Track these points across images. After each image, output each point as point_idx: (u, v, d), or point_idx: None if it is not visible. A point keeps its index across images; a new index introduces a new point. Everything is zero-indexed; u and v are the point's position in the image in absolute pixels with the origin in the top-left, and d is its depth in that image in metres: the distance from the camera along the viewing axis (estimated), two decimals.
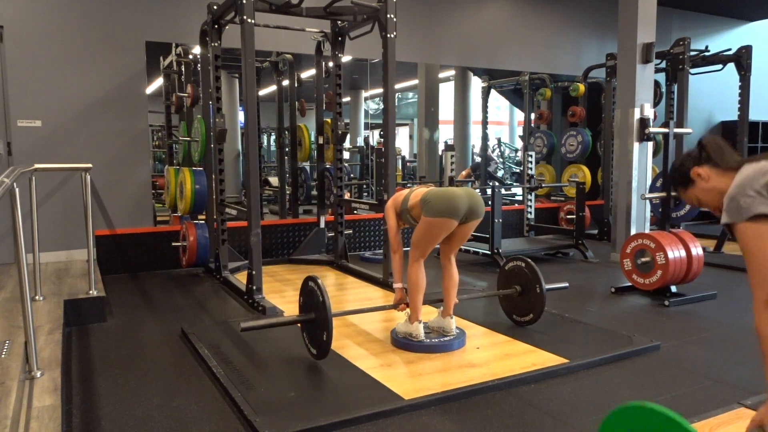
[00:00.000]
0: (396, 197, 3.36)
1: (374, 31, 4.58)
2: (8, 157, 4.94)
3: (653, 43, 5.56)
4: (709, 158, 1.70)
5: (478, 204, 3.10)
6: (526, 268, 3.48)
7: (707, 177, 1.70)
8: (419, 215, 3.11)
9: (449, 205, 3.01)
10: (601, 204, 7.19)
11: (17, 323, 3.02)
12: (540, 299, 3.40)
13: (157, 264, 5.44)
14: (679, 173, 1.77)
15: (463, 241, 3.26)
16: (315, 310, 2.92)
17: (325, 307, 2.81)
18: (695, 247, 4.20)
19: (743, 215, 1.51)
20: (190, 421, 2.38)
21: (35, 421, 2.06)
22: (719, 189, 1.65)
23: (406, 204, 3.22)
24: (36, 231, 3.76)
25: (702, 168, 1.71)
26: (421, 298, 3.21)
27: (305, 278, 3.05)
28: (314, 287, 2.92)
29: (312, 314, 2.94)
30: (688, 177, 1.74)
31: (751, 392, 2.59)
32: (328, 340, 2.82)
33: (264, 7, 4.21)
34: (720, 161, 1.68)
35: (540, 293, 3.39)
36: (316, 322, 2.91)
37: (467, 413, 2.44)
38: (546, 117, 8.24)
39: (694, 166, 1.73)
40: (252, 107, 4.04)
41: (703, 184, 1.71)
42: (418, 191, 3.21)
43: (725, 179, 1.64)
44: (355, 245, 6.29)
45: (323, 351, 2.89)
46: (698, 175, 1.71)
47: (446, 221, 3.02)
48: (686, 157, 1.77)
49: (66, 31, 5.07)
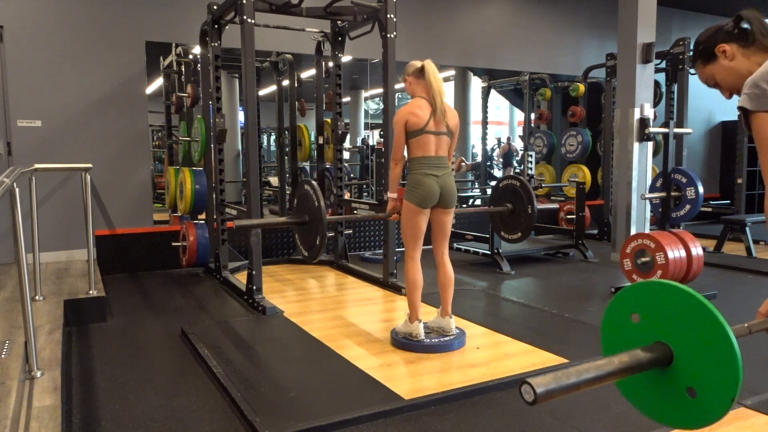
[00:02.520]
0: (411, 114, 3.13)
1: (374, 31, 4.58)
2: (8, 157, 4.94)
3: (653, 43, 5.56)
4: (742, 35, 1.56)
5: (449, 192, 3.19)
6: (520, 187, 3.47)
7: (732, 56, 1.57)
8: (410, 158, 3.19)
9: (424, 200, 3.13)
10: (601, 204, 7.19)
11: (17, 323, 3.02)
12: (529, 219, 3.39)
13: (157, 264, 5.43)
14: (705, 46, 1.63)
15: (446, 230, 3.30)
16: (309, 213, 2.91)
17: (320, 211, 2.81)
18: (695, 247, 4.20)
19: (765, 105, 1.40)
20: (190, 421, 2.38)
21: (35, 421, 2.06)
22: (740, 71, 1.54)
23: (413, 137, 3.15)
24: (36, 231, 3.75)
25: (729, 45, 1.58)
26: (419, 297, 3.22)
27: (300, 181, 3.04)
28: (309, 190, 2.91)
29: (306, 217, 2.94)
30: (713, 51, 1.60)
31: (751, 392, 2.59)
32: (320, 245, 2.82)
33: (264, 7, 4.21)
34: (760, 36, 1.54)
35: (531, 213, 3.38)
36: (310, 224, 2.90)
37: (467, 413, 2.44)
38: (546, 117, 8.24)
39: (723, 41, 1.59)
40: (252, 107, 4.04)
41: (725, 62, 1.58)
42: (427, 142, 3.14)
43: (750, 62, 1.53)
44: (355, 245, 6.29)
45: (315, 253, 2.88)
46: (723, 52, 1.58)
47: (421, 210, 3.16)
48: (717, 30, 1.62)
49: (66, 31, 5.07)
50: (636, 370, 1.22)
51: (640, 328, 1.29)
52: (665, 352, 1.23)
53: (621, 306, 1.35)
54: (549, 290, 4.58)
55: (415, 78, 3.25)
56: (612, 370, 1.17)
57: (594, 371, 1.14)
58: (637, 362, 1.21)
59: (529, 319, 3.83)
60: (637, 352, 1.22)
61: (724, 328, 1.15)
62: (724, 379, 1.15)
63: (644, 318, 1.29)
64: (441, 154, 3.20)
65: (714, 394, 1.17)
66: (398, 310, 3.99)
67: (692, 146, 8.49)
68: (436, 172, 3.14)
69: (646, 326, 1.28)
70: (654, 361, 1.22)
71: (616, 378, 1.21)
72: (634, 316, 1.30)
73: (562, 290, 4.59)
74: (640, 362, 1.21)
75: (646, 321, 1.28)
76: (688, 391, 1.21)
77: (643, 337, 1.28)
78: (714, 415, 1.17)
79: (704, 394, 1.18)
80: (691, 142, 8.32)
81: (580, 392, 1.15)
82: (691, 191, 4.92)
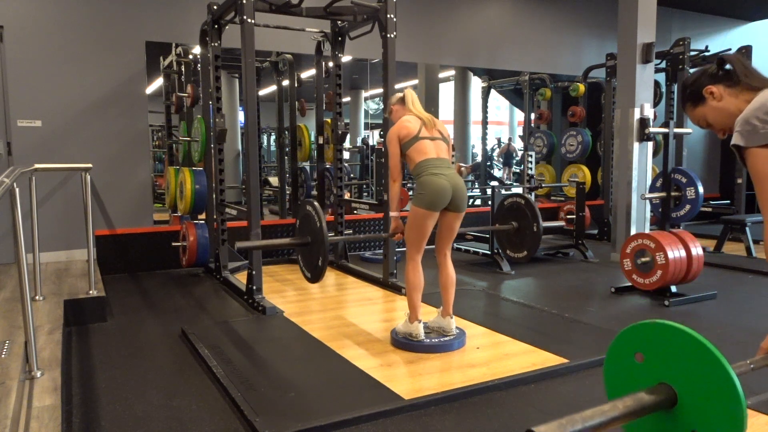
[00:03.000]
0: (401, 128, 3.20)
1: (374, 31, 4.58)
2: (8, 157, 4.94)
3: (653, 43, 5.56)
4: (727, 77, 1.63)
5: (461, 194, 3.15)
6: (525, 205, 3.46)
7: (720, 96, 1.63)
8: (412, 170, 3.17)
9: (435, 200, 3.07)
10: (601, 204, 7.19)
11: (17, 323, 3.02)
12: (535, 238, 3.38)
13: (157, 264, 5.43)
14: (693, 89, 1.69)
15: (451, 232, 3.26)
16: (311, 234, 2.92)
17: (322, 232, 2.81)
18: (695, 247, 4.20)
19: (757, 141, 1.45)
20: (190, 421, 2.38)
21: (35, 421, 2.06)
22: (729, 110, 1.59)
23: (408, 147, 3.17)
24: (36, 231, 3.75)
25: (716, 86, 1.64)
26: (420, 297, 3.22)
27: (302, 201, 3.06)
28: (311, 212, 2.92)
29: (308, 238, 2.94)
30: (701, 94, 1.66)
31: (751, 392, 2.59)
32: (323, 266, 2.83)
33: (264, 7, 4.21)
34: (743, 78, 1.60)
35: (536, 232, 3.37)
36: (312, 246, 2.91)
37: (467, 413, 2.44)
38: (546, 117, 8.24)
39: (710, 83, 1.65)
40: (252, 107, 4.04)
41: (714, 103, 1.64)
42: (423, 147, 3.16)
43: (738, 101, 1.59)
44: (355, 245, 6.29)
45: (317, 275, 2.89)
46: (711, 93, 1.64)
47: (432, 214, 3.11)
48: (702, 73, 1.68)
49: (66, 31, 5.07)
50: (640, 414, 1.21)
51: (643, 368, 1.29)
52: (669, 394, 1.22)
53: (625, 345, 1.33)
54: (549, 290, 4.58)
55: (400, 106, 3.34)
56: (617, 416, 1.17)
57: (599, 417, 1.14)
58: (641, 406, 1.20)
59: (529, 319, 3.83)
60: (642, 395, 1.21)
61: (727, 372, 1.14)
62: (728, 422, 1.14)
63: (648, 358, 1.28)
64: (442, 156, 3.20)
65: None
66: (398, 310, 3.99)
67: (692, 146, 8.48)
68: (444, 171, 3.12)
69: (650, 366, 1.27)
70: (658, 404, 1.21)
71: (621, 422, 1.20)
72: (637, 355, 1.30)
73: (562, 290, 4.59)
74: (644, 406, 1.20)
75: (650, 361, 1.27)
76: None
77: (646, 378, 1.27)
78: None
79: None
80: (691, 142, 8.32)
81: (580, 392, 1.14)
82: (691, 191, 4.92)
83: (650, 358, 1.27)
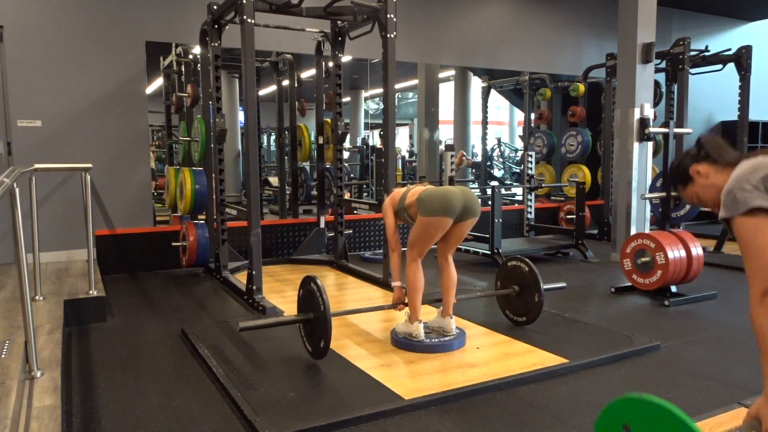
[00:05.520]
0: (393, 195, 3.37)
1: (374, 31, 4.58)
2: (8, 157, 4.94)
3: (653, 43, 5.56)
4: (708, 156, 1.73)
5: (473, 202, 3.11)
6: (527, 271, 3.48)
7: (706, 174, 1.72)
8: (416, 214, 3.13)
9: (444, 204, 3.02)
10: (601, 204, 7.19)
11: (17, 323, 3.02)
12: (537, 305, 3.41)
13: (157, 264, 5.43)
14: (679, 171, 1.79)
15: (459, 240, 3.26)
16: (314, 310, 2.92)
17: (325, 310, 2.81)
18: (695, 247, 4.20)
19: (740, 209, 1.53)
20: (190, 421, 2.38)
21: (35, 421, 2.06)
22: (718, 186, 1.67)
23: (403, 203, 3.23)
24: (36, 231, 3.75)
25: (701, 165, 1.73)
26: (420, 298, 3.21)
27: (304, 278, 3.05)
28: (314, 289, 2.92)
29: (311, 314, 2.95)
30: (688, 175, 1.76)
31: (751, 392, 2.59)
32: (326, 346, 2.83)
33: (264, 7, 4.21)
34: (718, 158, 1.71)
35: (538, 301, 3.40)
36: (315, 323, 2.91)
37: (467, 413, 2.44)
38: (546, 117, 8.24)
39: (693, 163, 1.75)
40: (252, 107, 4.04)
41: (702, 181, 1.73)
42: (415, 190, 3.22)
43: (723, 176, 1.66)
44: (355, 245, 6.29)
45: (320, 353, 2.89)
46: (697, 173, 1.74)
47: (441, 219, 3.04)
48: (685, 156, 1.79)
49: (66, 31, 5.07)
50: None
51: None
52: None
53: (613, 416, 1.38)
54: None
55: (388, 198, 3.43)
56: None
57: None
58: None
59: None
60: None
61: None
62: None
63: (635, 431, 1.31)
64: None
65: None
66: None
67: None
68: (448, 186, 3.15)
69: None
70: None
71: None
72: (625, 427, 1.33)
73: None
74: None
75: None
76: None
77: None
78: None
79: None
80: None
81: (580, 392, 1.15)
82: None
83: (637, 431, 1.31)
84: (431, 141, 7.97)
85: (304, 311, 3.02)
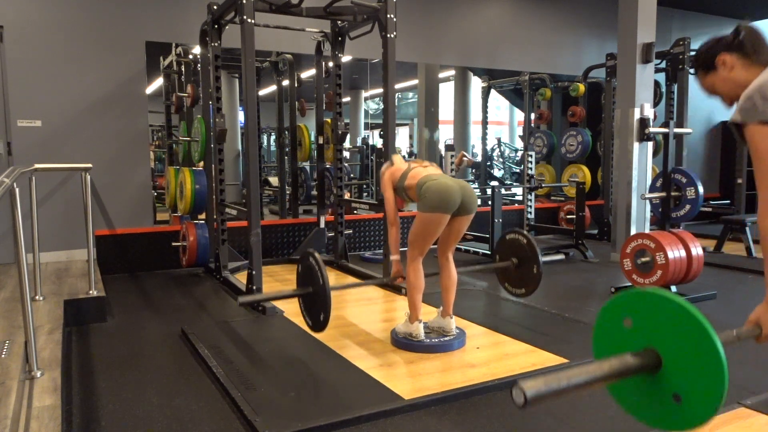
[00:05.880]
0: (393, 171, 3.34)
1: (374, 31, 4.58)
2: (8, 157, 4.94)
3: (653, 43, 5.55)
4: (742, 47, 1.60)
5: (470, 197, 3.12)
6: (526, 243, 3.47)
7: (731, 66, 1.62)
8: (415, 197, 3.15)
9: (443, 199, 3.02)
10: (601, 204, 7.19)
11: (17, 323, 3.02)
12: (535, 277, 3.41)
13: (157, 264, 5.43)
14: (705, 56, 1.67)
15: (458, 236, 3.26)
16: (313, 284, 2.96)
17: (324, 283, 2.85)
18: (695, 247, 4.20)
19: (756, 117, 1.44)
20: (190, 421, 2.38)
21: (35, 421, 2.06)
22: (739, 82, 1.58)
23: (403, 182, 3.23)
24: (36, 231, 3.75)
25: (730, 55, 1.62)
26: (420, 298, 3.21)
27: (303, 253, 3.07)
28: (313, 264, 2.95)
29: (310, 288, 2.98)
30: (713, 62, 1.65)
31: (751, 392, 2.59)
32: (326, 318, 2.87)
33: (264, 7, 4.21)
34: (752, 53, 1.59)
35: (536, 273, 3.39)
36: (314, 296, 2.95)
37: (467, 413, 2.44)
38: (546, 117, 8.24)
39: (723, 51, 1.63)
40: (252, 107, 4.04)
41: (724, 73, 1.63)
42: (415, 171, 3.22)
43: (749, 74, 1.57)
44: (355, 245, 6.29)
45: (320, 326, 2.93)
46: (723, 62, 1.63)
47: (441, 216, 3.05)
48: (717, 42, 1.66)
49: (66, 31, 5.07)
50: (625, 375, 1.26)
51: (631, 333, 1.32)
52: (654, 359, 1.26)
53: (615, 310, 1.37)
54: (549, 290, 4.58)
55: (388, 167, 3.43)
56: (601, 375, 1.21)
57: (584, 376, 1.18)
58: (626, 368, 1.24)
59: (529, 319, 3.83)
60: (627, 357, 1.26)
61: (712, 340, 1.17)
62: (710, 389, 1.18)
63: (636, 324, 1.32)
64: (438, 172, 3.23)
65: (699, 402, 1.20)
66: (398, 310, 3.99)
67: (692, 146, 8.48)
68: (446, 177, 3.14)
69: (638, 332, 1.31)
70: (642, 367, 1.26)
71: (606, 383, 1.24)
72: (626, 321, 1.33)
73: (562, 290, 4.59)
74: (629, 368, 1.25)
75: (638, 327, 1.31)
76: (674, 397, 1.24)
77: (633, 342, 1.31)
78: (697, 421, 1.21)
79: (689, 401, 1.22)
80: (691, 142, 8.32)
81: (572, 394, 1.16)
82: (691, 191, 4.92)
83: (638, 324, 1.31)
84: (431, 141, 7.97)
85: (303, 286, 3.04)
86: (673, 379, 1.24)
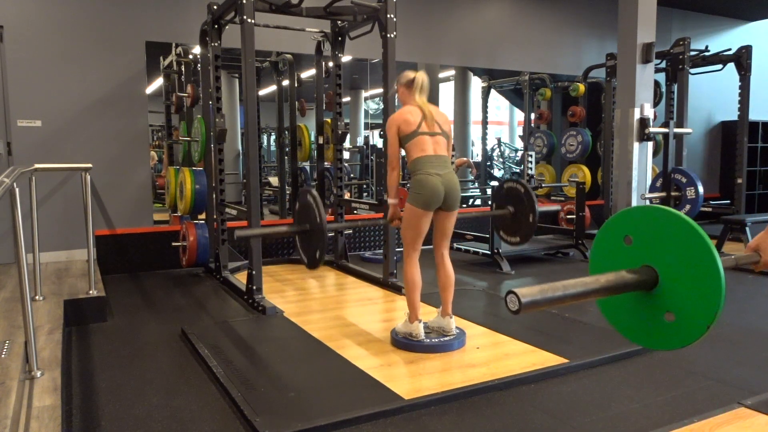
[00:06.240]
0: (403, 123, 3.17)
1: (374, 31, 4.58)
2: (8, 157, 4.94)
3: (653, 43, 5.56)
4: None
5: (454, 195, 3.16)
6: (523, 192, 3.49)
7: None
8: (408, 162, 3.18)
9: (426, 201, 3.09)
10: (601, 204, 7.19)
11: (17, 323, 3.02)
12: (530, 225, 3.42)
13: (157, 264, 5.43)
14: None
15: (447, 231, 3.28)
16: (310, 222, 2.98)
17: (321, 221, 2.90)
18: None
19: None
20: (190, 421, 2.38)
21: (35, 421, 2.06)
22: None
23: (406, 142, 3.18)
24: (36, 231, 3.75)
25: None
26: (419, 297, 3.22)
27: (300, 190, 3.11)
28: (311, 201, 3.00)
29: (306, 225, 3.00)
30: None
31: (751, 392, 2.59)
32: (321, 255, 2.93)
33: (264, 7, 4.21)
34: None
35: (532, 221, 3.41)
36: (311, 233, 2.98)
37: (467, 413, 2.44)
38: (546, 117, 8.23)
39: None
40: (252, 107, 4.04)
41: None
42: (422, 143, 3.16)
43: None
44: (355, 245, 6.29)
45: (316, 263, 2.98)
46: None
47: (423, 213, 3.13)
48: None
49: (66, 31, 5.07)
50: (620, 291, 1.24)
51: (630, 250, 1.30)
52: (650, 275, 1.24)
53: (615, 227, 1.35)
54: None
55: (406, 88, 3.30)
56: (597, 288, 1.19)
57: (579, 287, 1.16)
58: (623, 283, 1.23)
59: (529, 319, 3.82)
60: (623, 273, 1.24)
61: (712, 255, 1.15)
62: (704, 307, 1.16)
63: (636, 241, 1.29)
64: (440, 153, 3.19)
65: (691, 320, 1.18)
66: (398, 310, 3.99)
67: (692, 146, 8.48)
68: (438, 171, 3.12)
69: (637, 249, 1.29)
70: (639, 283, 1.24)
71: (600, 296, 1.23)
72: (627, 238, 1.31)
73: None
74: (625, 283, 1.23)
75: (637, 244, 1.29)
76: (666, 315, 1.22)
77: (631, 260, 1.29)
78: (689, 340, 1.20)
79: (682, 320, 1.20)
80: (691, 142, 8.32)
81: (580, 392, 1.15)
82: (691, 191, 4.92)
83: (638, 241, 1.29)
84: None
85: (300, 224, 3.06)
86: (668, 297, 1.22)
